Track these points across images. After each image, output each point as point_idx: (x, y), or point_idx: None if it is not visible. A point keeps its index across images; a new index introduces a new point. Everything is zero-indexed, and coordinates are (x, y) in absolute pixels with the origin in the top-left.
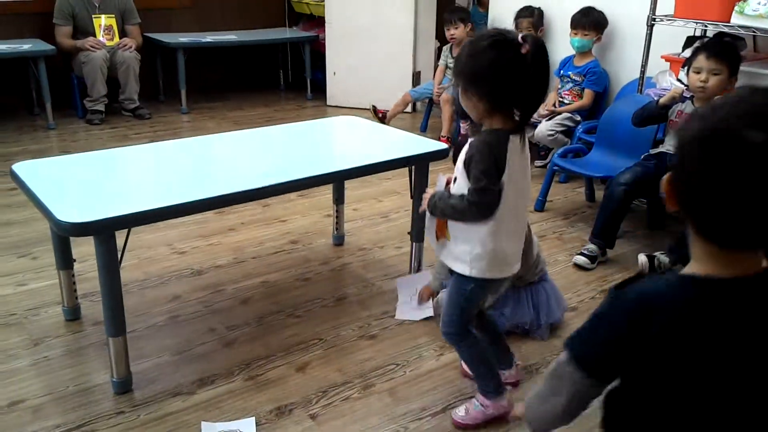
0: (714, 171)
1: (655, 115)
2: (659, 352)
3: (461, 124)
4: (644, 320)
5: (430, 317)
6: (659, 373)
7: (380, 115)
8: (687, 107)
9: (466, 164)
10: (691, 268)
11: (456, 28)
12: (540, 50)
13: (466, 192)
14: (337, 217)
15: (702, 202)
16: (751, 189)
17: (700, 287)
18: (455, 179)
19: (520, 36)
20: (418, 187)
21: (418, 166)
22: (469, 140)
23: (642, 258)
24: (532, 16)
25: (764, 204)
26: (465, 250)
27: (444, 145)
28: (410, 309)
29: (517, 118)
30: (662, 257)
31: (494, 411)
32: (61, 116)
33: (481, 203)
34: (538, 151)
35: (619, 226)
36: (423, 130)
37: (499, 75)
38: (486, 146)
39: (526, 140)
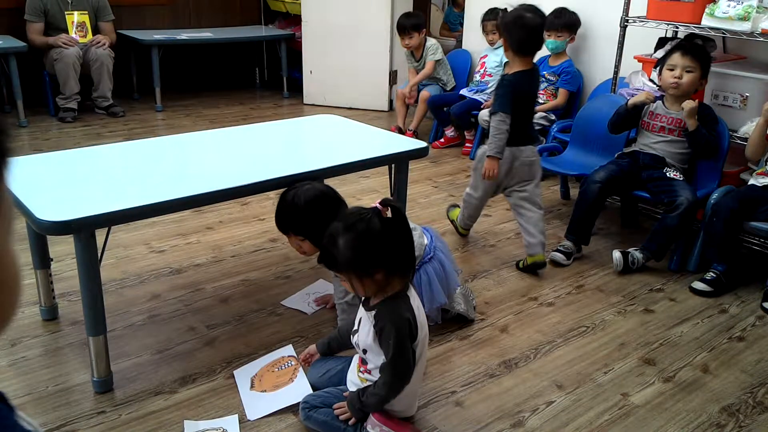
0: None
1: (626, 117)
2: None
3: (445, 131)
4: None
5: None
6: None
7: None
8: (658, 108)
9: (378, 338)
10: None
11: (410, 38)
12: (397, 211)
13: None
14: None
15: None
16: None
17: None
18: (363, 351)
19: (377, 203)
20: (398, 185)
21: (399, 164)
22: (371, 314)
23: (616, 254)
24: (497, 19)
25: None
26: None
27: (424, 144)
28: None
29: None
30: (636, 253)
31: None
32: (33, 114)
33: (404, 374)
34: None
35: (594, 223)
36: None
37: (383, 247)
38: (397, 314)
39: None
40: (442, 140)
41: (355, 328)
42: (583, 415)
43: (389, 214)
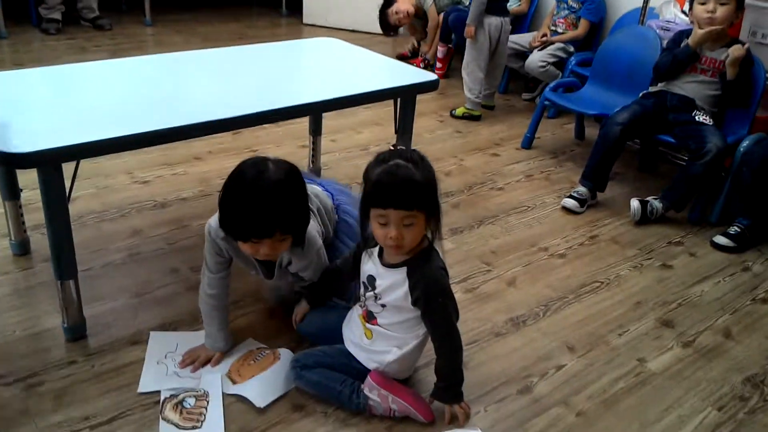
0: None
1: (688, 60)
2: None
3: (439, 47)
4: None
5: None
6: None
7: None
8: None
9: (422, 301)
10: None
11: None
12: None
13: (407, 318)
14: (313, 149)
15: None
16: None
17: None
18: (381, 306)
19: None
20: (404, 120)
21: (405, 98)
22: (401, 271)
23: (634, 203)
24: None
25: None
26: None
27: (433, 76)
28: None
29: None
30: (655, 203)
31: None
32: (14, 24)
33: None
34: (526, 83)
35: (612, 168)
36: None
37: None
38: (445, 280)
39: None
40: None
41: (366, 281)
42: (595, 382)
43: None
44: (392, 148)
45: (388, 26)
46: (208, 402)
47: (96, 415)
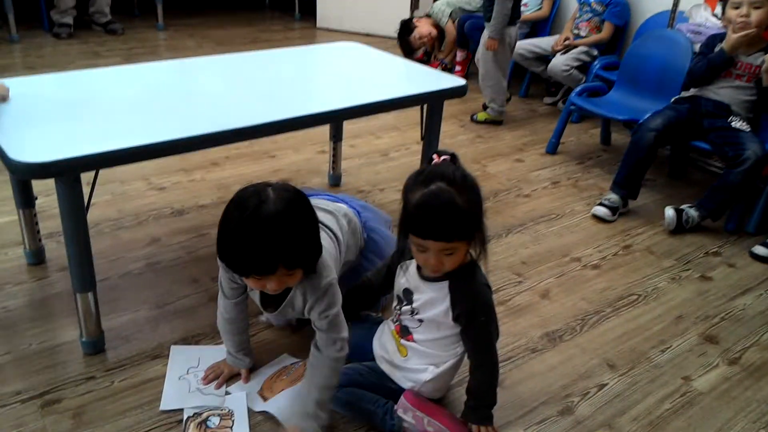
0: None
1: (723, 66)
2: None
3: (458, 52)
4: None
5: None
6: None
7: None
8: (717, 46)
9: (464, 318)
10: None
11: None
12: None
13: (445, 335)
14: (334, 155)
15: None
16: None
17: None
18: (419, 321)
19: (442, 156)
20: (431, 127)
21: (433, 103)
22: (442, 286)
23: (669, 212)
24: None
25: None
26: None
27: (462, 81)
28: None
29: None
30: (691, 211)
31: None
32: (26, 29)
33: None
34: (548, 87)
35: (644, 175)
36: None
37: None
38: (488, 297)
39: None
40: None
41: (402, 295)
42: (640, 402)
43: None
44: (435, 155)
45: (411, 51)
46: (233, 422)
47: None
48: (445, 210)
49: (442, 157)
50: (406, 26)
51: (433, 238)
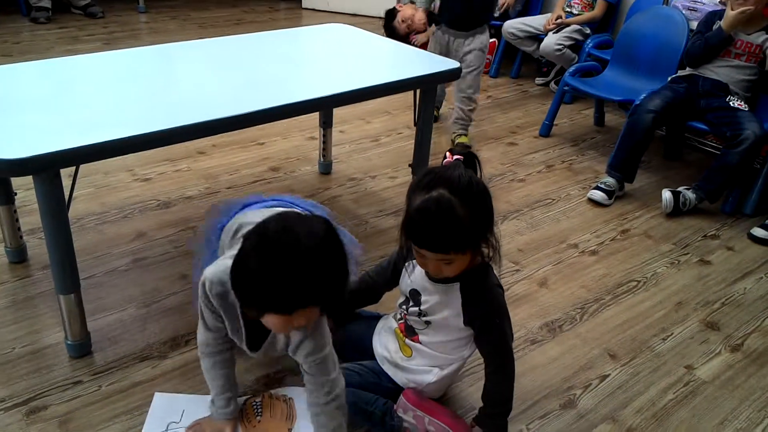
0: None
1: (721, 45)
2: None
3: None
4: None
5: None
6: None
7: None
8: (715, 24)
9: (478, 322)
10: None
11: None
12: (471, 156)
13: (454, 338)
14: (324, 142)
15: None
16: None
17: None
18: (426, 323)
19: (454, 156)
20: (424, 111)
21: (427, 87)
22: (451, 288)
23: (666, 194)
24: None
25: None
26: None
27: (455, 63)
28: None
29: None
30: (688, 193)
31: None
32: (2, 14)
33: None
34: (540, 67)
35: (641, 158)
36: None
37: (489, 209)
38: (501, 298)
39: None
40: None
41: (409, 295)
42: (643, 393)
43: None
44: (448, 153)
45: (399, 36)
46: None
47: None
48: (441, 221)
49: (455, 157)
50: (390, 13)
51: (427, 248)
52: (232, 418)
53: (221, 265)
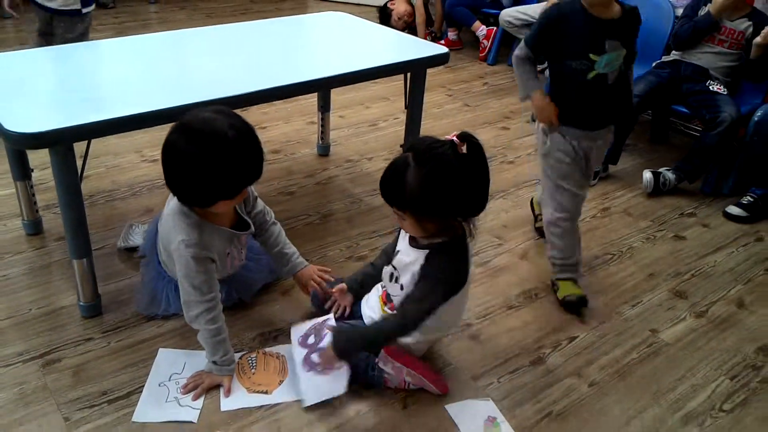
0: None
1: (708, 29)
2: None
3: (449, 32)
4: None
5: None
6: None
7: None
8: (702, 9)
9: (422, 277)
10: None
11: None
12: (476, 147)
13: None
14: (322, 125)
15: None
16: None
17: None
18: (401, 287)
19: (454, 136)
20: (414, 95)
21: (415, 72)
22: (423, 253)
23: (647, 174)
24: None
25: None
26: None
27: (444, 49)
28: (314, 385)
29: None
30: (668, 174)
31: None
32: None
33: (418, 323)
34: None
35: (625, 141)
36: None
37: (457, 188)
38: (452, 270)
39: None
40: (442, 42)
41: (396, 260)
42: (608, 353)
43: (465, 150)
44: (456, 135)
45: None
46: None
47: (113, 390)
48: (391, 176)
49: (449, 136)
50: (384, 12)
51: (383, 196)
52: (231, 374)
53: (179, 229)
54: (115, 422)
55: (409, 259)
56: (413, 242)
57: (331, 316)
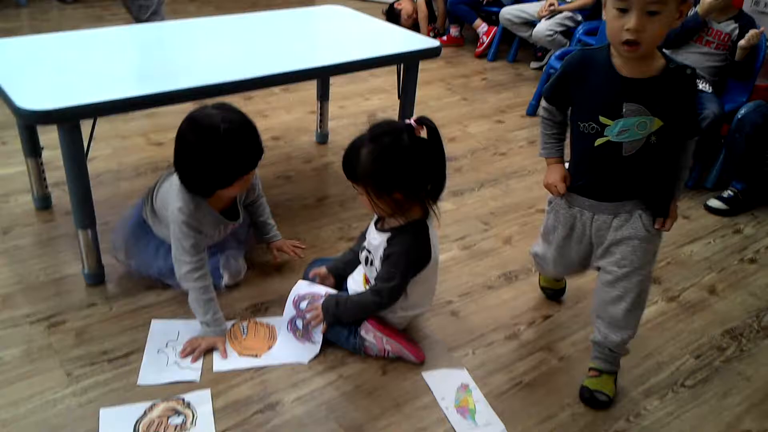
0: None
1: (696, 29)
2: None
3: (450, 29)
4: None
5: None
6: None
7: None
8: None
9: (383, 261)
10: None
11: None
12: (433, 132)
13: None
14: (321, 114)
15: None
16: None
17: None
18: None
19: (413, 120)
20: (407, 86)
21: (408, 64)
22: (385, 237)
23: None
24: None
25: None
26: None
27: (436, 42)
28: (285, 348)
29: (429, 206)
30: None
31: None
32: None
33: (392, 298)
34: (534, 51)
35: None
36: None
37: (408, 167)
38: (412, 247)
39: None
40: (444, 38)
41: (366, 244)
42: (579, 331)
43: (424, 134)
44: (414, 120)
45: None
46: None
47: (113, 350)
48: (348, 151)
49: (409, 120)
50: (391, 12)
51: (343, 171)
52: (223, 336)
53: (178, 198)
54: (113, 378)
55: (376, 242)
56: (378, 226)
57: (332, 290)
